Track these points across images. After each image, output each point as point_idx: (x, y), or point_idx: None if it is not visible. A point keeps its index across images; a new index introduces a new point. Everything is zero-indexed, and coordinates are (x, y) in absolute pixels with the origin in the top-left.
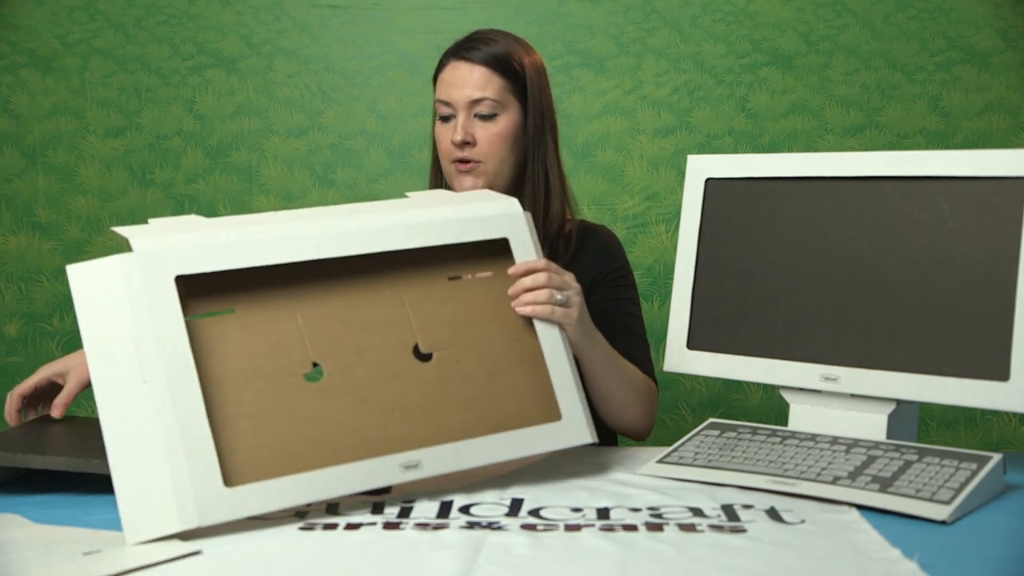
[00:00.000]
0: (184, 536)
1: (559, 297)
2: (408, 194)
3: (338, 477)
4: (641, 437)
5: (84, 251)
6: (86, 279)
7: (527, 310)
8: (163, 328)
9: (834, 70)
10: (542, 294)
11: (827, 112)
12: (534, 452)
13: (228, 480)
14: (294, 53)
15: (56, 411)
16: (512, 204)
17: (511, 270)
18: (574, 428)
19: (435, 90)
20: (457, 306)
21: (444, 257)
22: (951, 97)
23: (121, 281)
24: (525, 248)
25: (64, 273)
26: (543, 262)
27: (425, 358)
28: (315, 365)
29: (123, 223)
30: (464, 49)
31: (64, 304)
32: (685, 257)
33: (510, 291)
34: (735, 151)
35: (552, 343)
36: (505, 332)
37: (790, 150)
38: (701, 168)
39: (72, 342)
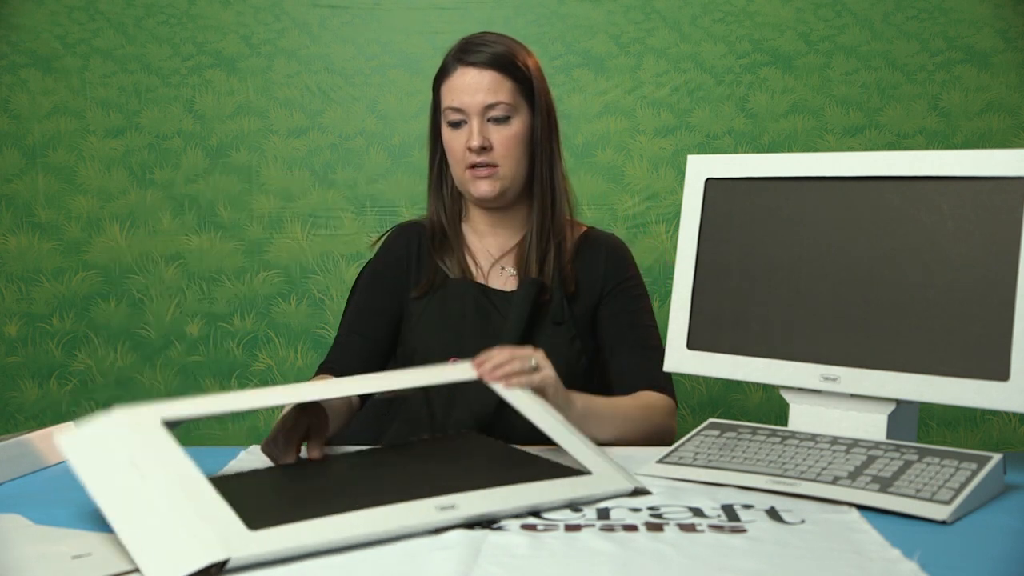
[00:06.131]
0: None
1: (531, 363)
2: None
3: (371, 519)
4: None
5: (84, 251)
6: (77, 444)
7: (504, 381)
8: (163, 450)
9: (834, 70)
10: (514, 364)
11: (827, 112)
12: (573, 497)
13: (251, 526)
14: (294, 53)
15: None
16: None
17: (474, 361)
18: (609, 479)
19: (439, 97)
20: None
21: None
22: (951, 97)
23: (112, 437)
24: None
25: (64, 273)
26: (502, 350)
27: None
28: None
29: (123, 223)
30: (467, 54)
31: (64, 304)
32: (685, 257)
33: (477, 372)
34: (735, 151)
35: (548, 421)
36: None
37: (790, 150)
38: (701, 168)
39: (72, 342)
